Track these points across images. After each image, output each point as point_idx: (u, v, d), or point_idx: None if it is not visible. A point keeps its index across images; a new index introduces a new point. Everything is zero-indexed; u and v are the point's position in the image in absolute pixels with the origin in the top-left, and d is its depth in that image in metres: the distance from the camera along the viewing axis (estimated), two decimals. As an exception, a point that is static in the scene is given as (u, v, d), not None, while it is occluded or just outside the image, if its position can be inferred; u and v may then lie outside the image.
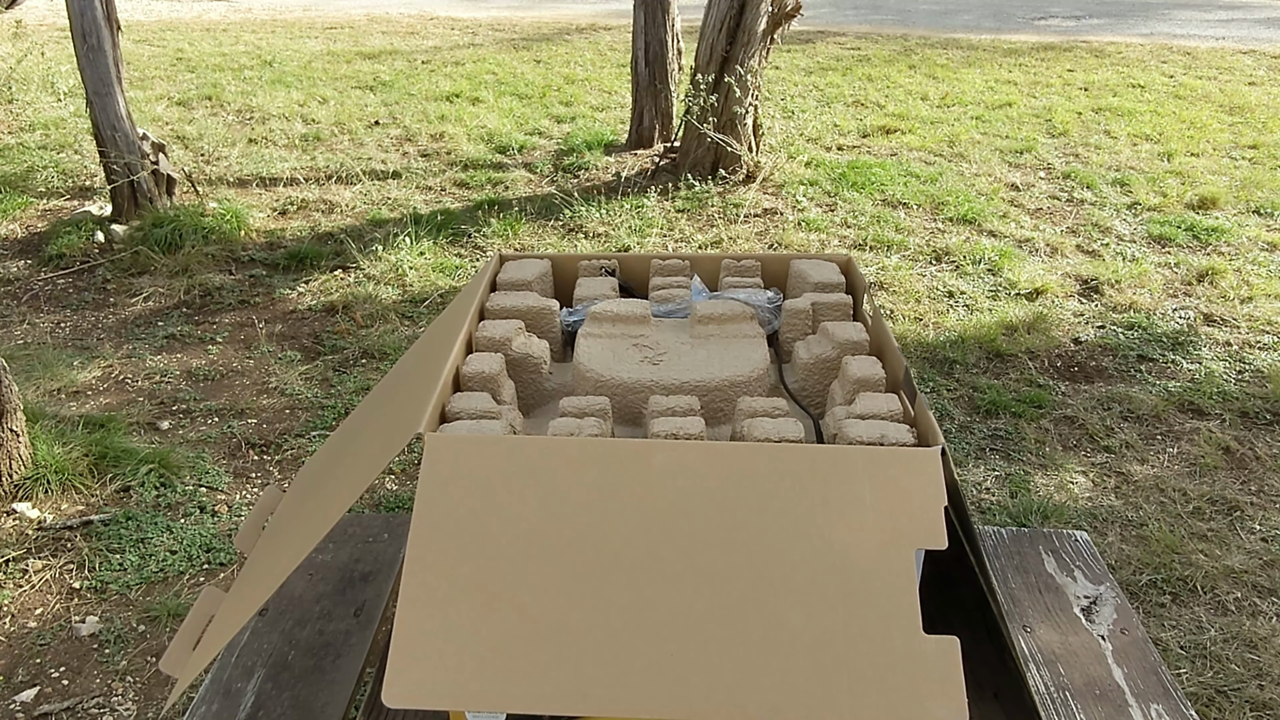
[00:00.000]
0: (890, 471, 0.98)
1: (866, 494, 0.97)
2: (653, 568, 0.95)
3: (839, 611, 0.92)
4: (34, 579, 2.32)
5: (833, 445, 1.02)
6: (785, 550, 0.95)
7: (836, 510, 0.97)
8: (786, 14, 4.71)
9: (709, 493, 0.98)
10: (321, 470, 1.31)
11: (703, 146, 4.87)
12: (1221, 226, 4.38)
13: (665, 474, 0.99)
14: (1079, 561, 1.52)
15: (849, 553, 0.95)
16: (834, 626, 0.91)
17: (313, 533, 1.05)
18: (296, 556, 1.03)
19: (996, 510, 2.54)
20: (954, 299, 3.74)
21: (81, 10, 4.01)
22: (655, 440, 1.03)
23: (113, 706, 1.98)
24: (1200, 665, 2.05)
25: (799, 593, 0.93)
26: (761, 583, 0.94)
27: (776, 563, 0.95)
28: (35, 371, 3.23)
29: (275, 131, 5.89)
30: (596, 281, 1.52)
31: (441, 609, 0.94)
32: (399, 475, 2.72)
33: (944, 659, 0.90)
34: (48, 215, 4.58)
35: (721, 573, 0.94)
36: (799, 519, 0.96)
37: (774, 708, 0.89)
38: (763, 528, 0.96)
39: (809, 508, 0.97)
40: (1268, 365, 3.24)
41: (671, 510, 0.97)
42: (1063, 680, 1.28)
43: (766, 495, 0.98)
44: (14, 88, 6.59)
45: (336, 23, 9.78)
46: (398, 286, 3.87)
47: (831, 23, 9.65)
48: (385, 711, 1.24)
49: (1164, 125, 5.97)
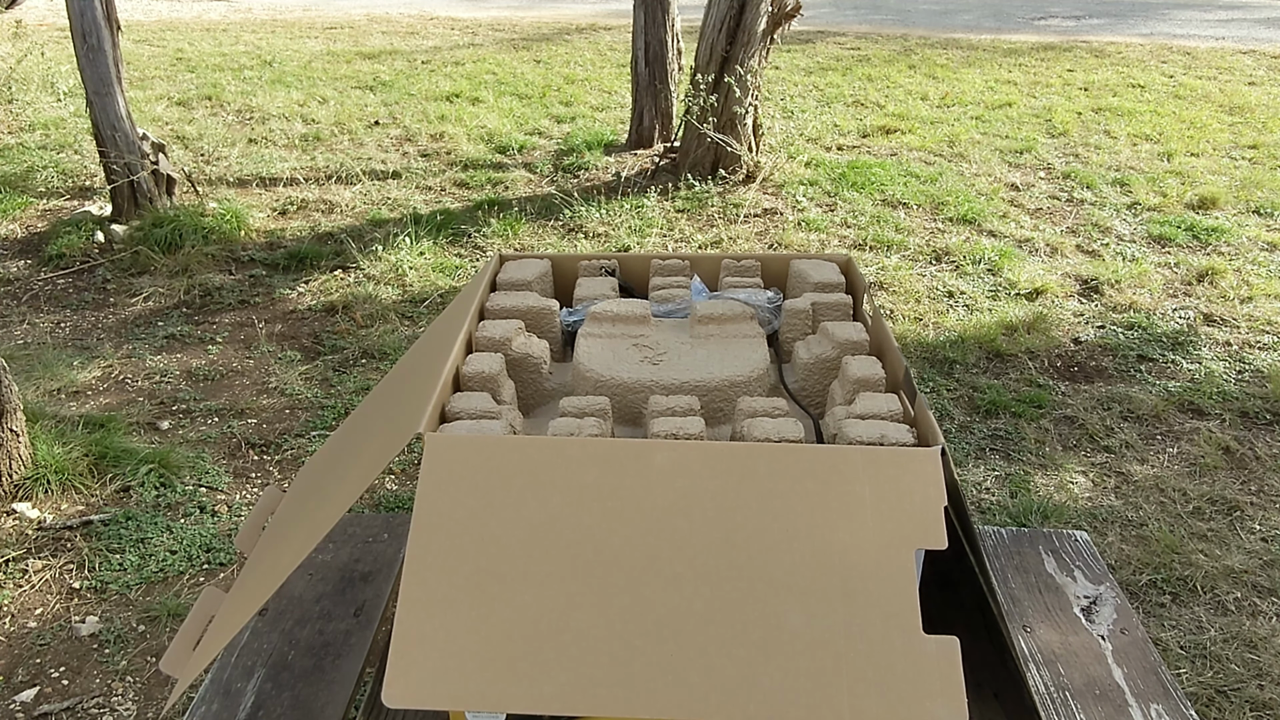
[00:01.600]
0: (890, 471, 0.98)
1: (866, 494, 0.97)
2: (653, 568, 0.95)
3: (839, 612, 0.92)
4: (34, 579, 2.32)
5: (833, 445, 1.02)
6: (785, 550, 0.95)
7: (836, 510, 0.97)
8: (786, 14, 4.71)
9: (709, 493, 0.98)
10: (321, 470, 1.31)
11: (703, 146, 4.87)
12: (1221, 226, 4.38)
13: (665, 474, 0.99)
14: (1079, 561, 1.52)
15: (849, 553, 0.95)
16: (834, 627, 0.91)
17: (313, 533, 1.05)
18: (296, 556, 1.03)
19: (996, 510, 2.54)
20: (954, 299, 3.74)
21: (81, 10, 4.01)
22: (655, 440, 1.03)
23: (113, 706, 1.98)
24: (1200, 665, 2.05)
25: (799, 593, 0.93)
26: (761, 583, 0.94)
27: (776, 563, 0.95)
28: (35, 371, 3.23)
29: (275, 131, 5.89)
30: (596, 281, 1.52)
31: (441, 609, 0.94)
32: (399, 475, 2.72)
33: (944, 659, 0.90)
34: (48, 215, 4.58)
35: (721, 573, 0.94)
36: (799, 519, 0.96)
37: (774, 708, 0.89)
38: (763, 528, 0.96)
39: (809, 508, 0.97)
40: (1268, 365, 3.24)
41: (671, 510, 0.97)
42: (1063, 680, 1.28)
43: (766, 495, 0.98)
44: (14, 88, 6.59)
45: (336, 23, 9.78)
46: (398, 286, 3.87)
47: (831, 23, 9.65)
48: (385, 711, 1.24)
49: (1164, 125, 5.97)
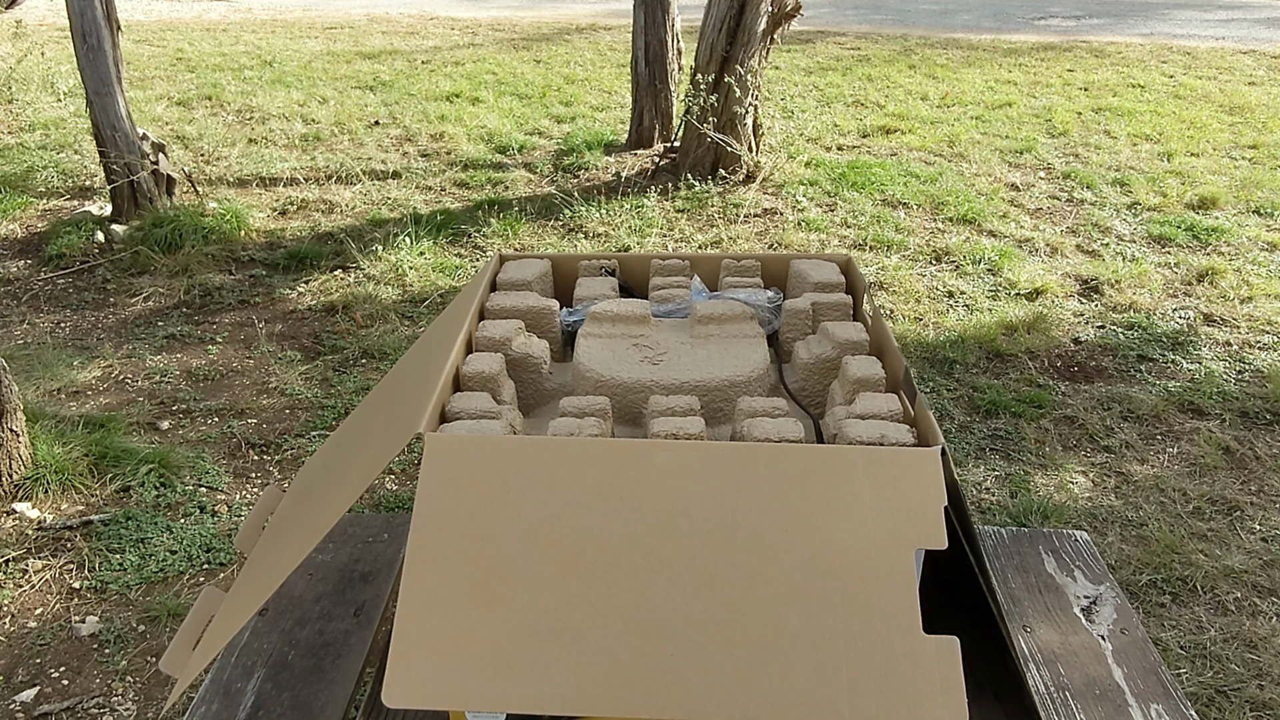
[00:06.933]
0: (890, 471, 0.98)
1: (866, 494, 0.97)
2: (653, 568, 0.95)
3: (839, 611, 0.92)
4: (34, 579, 2.32)
5: (833, 445, 1.02)
6: (785, 550, 0.95)
7: (836, 510, 0.97)
8: (786, 14, 4.71)
9: (709, 493, 0.98)
10: (321, 470, 1.31)
11: (703, 146, 4.87)
12: (1221, 226, 4.38)
13: (665, 474, 0.99)
14: (1079, 561, 1.52)
15: (849, 553, 0.95)
16: (834, 626, 0.91)
17: (313, 533, 1.05)
18: (296, 556, 1.03)
19: (996, 510, 2.54)
20: (954, 299, 3.74)
21: (81, 10, 4.01)
22: (655, 440, 1.03)
23: (113, 706, 1.98)
24: (1200, 665, 2.05)
25: (799, 593, 0.93)
26: (761, 583, 0.94)
27: (776, 563, 0.94)
28: (35, 371, 3.23)
29: (275, 131, 5.89)
30: (596, 281, 1.52)
31: (441, 609, 0.94)
32: (399, 475, 2.72)
33: (944, 659, 0.90)
34: (48, 215, 4.58)
35: (721, 573, 0.94)
36: (799, 519, 0.96)
37: (774, 708, 0.89)
38: (762, 528, 0.96)
39: (809, 508, 0.97)
40: (1268, 365, 3.24)
41: (671, 510, 0.97)
42: (1063, 680, 1.28)
43: (766, 495, 0.98)
44: (14, 88, 6.58)
45: (336, 23, 9.78)
46: (398, 286, 3.87)
47: (831, 23, 9.65)
48: (385, 711, 1.24)
49: (1164, 125, 5.97)
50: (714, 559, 0.95)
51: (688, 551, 0.95)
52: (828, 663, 0.90)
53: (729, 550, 0.95)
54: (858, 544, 0.95)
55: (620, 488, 0.99)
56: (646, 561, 0.95)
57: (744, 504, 0.97)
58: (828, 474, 0.99)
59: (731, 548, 0.95)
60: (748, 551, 0.95)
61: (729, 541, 0.96)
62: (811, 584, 0.93)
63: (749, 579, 0.94)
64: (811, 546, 0.95)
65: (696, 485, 0.99)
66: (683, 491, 0.98)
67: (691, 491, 0.98)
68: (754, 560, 0.95)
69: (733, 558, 0.95)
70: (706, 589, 0.94)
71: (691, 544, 0.96)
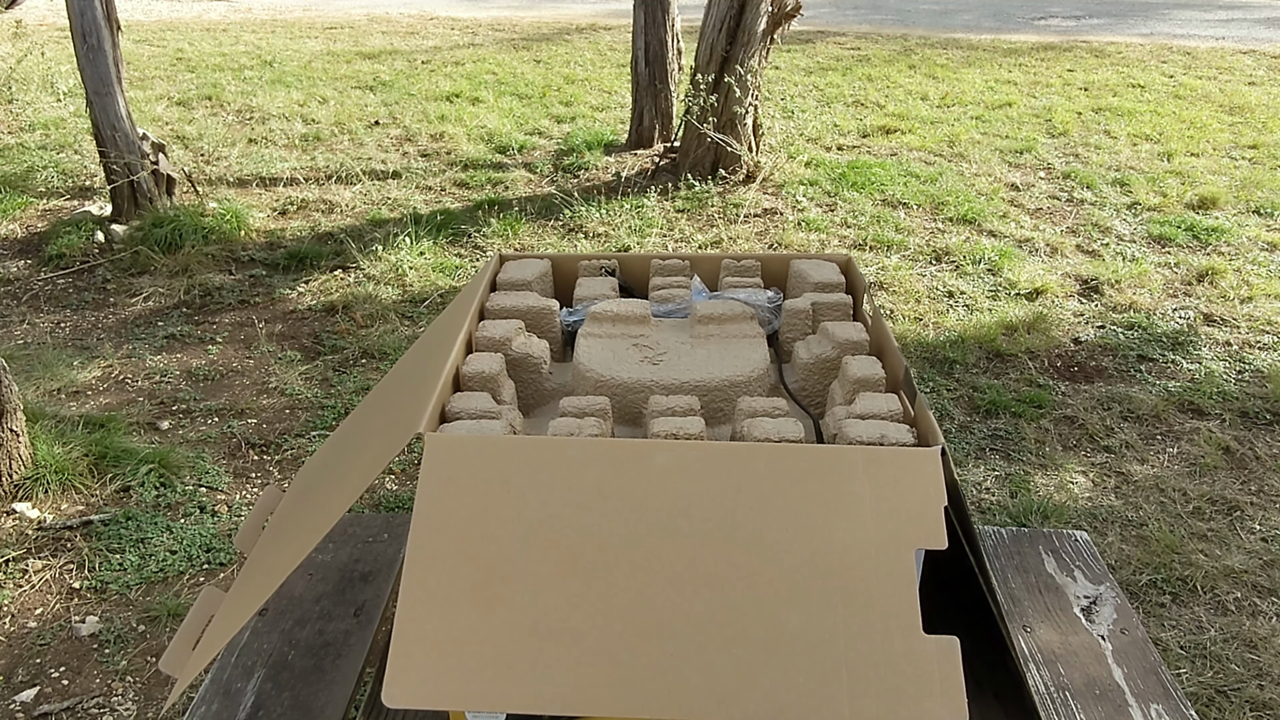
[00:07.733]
0: (890, 471, 0.98)
1: (866, 494, 0.97)
2: (653, 568, 0.95)
3: (839, 612, 0.92)
4: (34, 579, 2.32)
5: (833, 445, 1.02)
6: (785, 550, 0.95)
7: (836, 510, 0.97)
8: (786, 14, 4.71)
9: (709, 493, 0.98)
10: (321, 470, 1.31)
11: (703, 146, 4.87)
12: (1221, 226, 4.38)
13: (665, 474, 0.99)
14: (1079, 561, 1.52)
15: (849, 553, 0.95)
16: (834, 627, 0.91)
17: (313, 533, 1.05)
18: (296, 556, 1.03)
19: (996, 510, 2.54)
20: (954, 299, 3.74)
21: (81, 10, 4.01)
22: (655, 440, 1.03)
23: (113, 706, 1.98)
24: (1200, 665, 2.05)
25: (799, 593, 0.93)
26: (761, 583, 0.94)
27: (776, 563, 0.94)
28: (35, 371, 3.23)
29: (275, 131, 5.89)
30: (596, 281, 1.52)
31: (441, 609, 0.94)
32: (399, 475, 2.72)
33: (944, 659, 0.90)
34: (48, 215, 4.58)
35: (721, 573, 0.94)
36: (799, 519, 0.96)
37: (774, 708, 0.89)
38: (762, 528, 0.96)
39: (809, 508, 0.97)
40: (1268, 365, 3.24)
41: (671, 510, 0.97)
42: (1063, 680, 1.28)
43: (766, 495, 0.98)
44: (14, 88, 6.58)
45: (336, 23, 9.78)
46: (398, 286, 3.87)
47: (831, 23, 9.65)
48: (385, 711, 1.24)
49: (1164, 125, 5.97)
50: (714, 559, 0.95)
51: (688, 551, 0.95)
52: (828, 663, 0.90)
53: (729, 550, 0.95)
54: (858, 544, 0.95)
55: (620, 488, 0.99)
56: (646, 561, 0.95)
57: (744, 504, 0.97)
58: (828, 474, 0.99)
59: (731, 548, 0.95)
60: (748, 551, 0.95)
61: (729, 541, 0.96)
62: (811, 584, 0.93)
63: (749, 579, 0.94)
64: (811, 546, 0.95)
65: (696, 485, 0.99)
66: (683, 491, 0.98)
67: (691, 491, 0.98)
68: (754, 560, 0.95)
69: (733, 558, 0.95)
70: (706, 589, 0.94)
71: (691, 544, 0.96)
